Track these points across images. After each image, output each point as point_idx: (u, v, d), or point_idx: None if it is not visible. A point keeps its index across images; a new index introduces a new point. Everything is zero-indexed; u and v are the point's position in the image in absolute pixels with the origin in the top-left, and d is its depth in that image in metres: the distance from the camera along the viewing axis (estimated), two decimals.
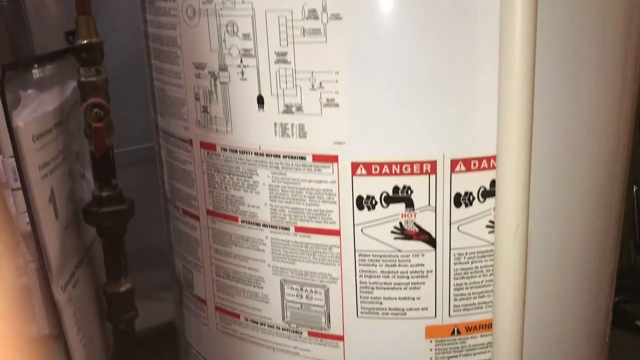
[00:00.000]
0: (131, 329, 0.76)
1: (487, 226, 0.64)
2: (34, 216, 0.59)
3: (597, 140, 0.68)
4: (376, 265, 0.66)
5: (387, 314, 0.67)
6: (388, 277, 0.66)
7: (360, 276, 0.66)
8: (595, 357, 0.83)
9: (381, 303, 0.67)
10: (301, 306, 0.70)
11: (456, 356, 0.68)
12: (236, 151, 0.67)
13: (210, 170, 0.71)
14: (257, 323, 0.73)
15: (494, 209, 0.63)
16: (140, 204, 1.64)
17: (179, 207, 0.79)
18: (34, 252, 0.71)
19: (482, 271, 0.66)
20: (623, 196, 0.77)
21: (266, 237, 0.69)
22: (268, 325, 0.72)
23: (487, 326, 0.68)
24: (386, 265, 0.65)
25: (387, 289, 0.66)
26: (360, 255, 0.66)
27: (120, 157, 0.93)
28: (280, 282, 0.70)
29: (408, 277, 0.66)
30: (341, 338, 0.69)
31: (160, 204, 0.87)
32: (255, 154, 0.66)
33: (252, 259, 0.71)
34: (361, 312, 0.68)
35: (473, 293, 0.67)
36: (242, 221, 0.70)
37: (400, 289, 0.66)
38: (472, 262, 0.65)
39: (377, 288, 0.66)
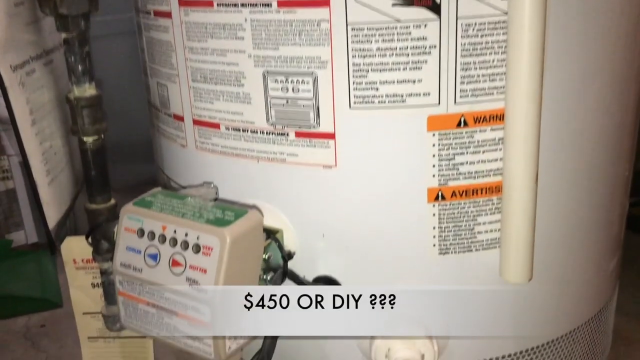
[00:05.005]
0: (101, 147, 0.68)
1: None
2: None
3: None
4: (371, 42, 0.57)
5: (384, 102, 0.59)
6: (385, 55, 0.57)
7: (353, 57, 0.58)
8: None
9: (377, 89, 0.59)
10: (287, 102, 0.61)
11: (462, 153, 0.61)
12: None
13: None
14: (239, 130, 0.65)
15: None
16: (122, 91, 1.55)
17: (149, 10, 0.70)
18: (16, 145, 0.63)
19: (494, 47, 0.57)
20: None
21: (245, 20, 0.60)
22: (251, 131, 0.64)
23: (499, 117, 0.60)
24: (383, 41, 0.57)
25: (384, 70, 0.58)
26: (353, 29, 0.57)
27: (99, 27, 0.85)
28: (263, 75, 0.61)
29: (408, 55, 0.57)
30: (332, 136, 0.61)
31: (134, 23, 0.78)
32: None
33: (230, 51, 0.62)
34: (354, 102, 0.59)
35: (482, 75, 0.58)
36: (219, 4, 0.61)
37: (399, 69, 0.58)
38: (482, 36, 0.57)
39: (372, 70, 0.58)
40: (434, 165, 0.61)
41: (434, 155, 0.60)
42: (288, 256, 0.63)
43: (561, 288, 0.70)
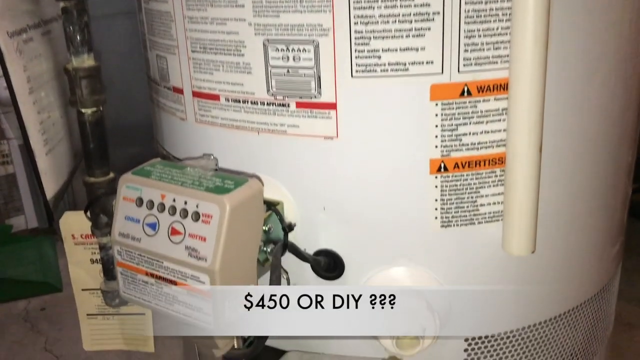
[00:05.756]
0: (99, 119, 0.67)
1: None
2: None
3: None
4: (374, 8, 0.56)
5: (387, 70, 0.58)
6: (388, 22, 0.56)
7: (356, 24, 0.57)
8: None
9: (380, 57, 0.58)
10: (288, 71, 0.61)
11: (466, 123, 0.60)
12: None
13: None
14: (239, 102, 0.64)
15: None
16: (122, 72, 1.54)
17: None
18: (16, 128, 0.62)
19: (498, 15, 0.56)
20: None
21: None
22: (251, 102, 0.64)
23: (503, 87, 0.59)
24: (385, 7, 0.56)
25: (387, 37, 0.57)
26: None
27: (99, 6, 0.83)
28: (264, 44, 0.60)
29: (411, 22, 0.56)
30: (333, 106, 0.60)
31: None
32: None
33: (230, 20, 0.61)
34: (356, 71, 0.59)
35: (487, 43, 0.57)
36: None
37: (402, 37, 0.57)
38: (486, 3, 0.56)
39: (374, 38, 0.57)
40: (436, 136, 0.60)
41: (436, 126, 0.60)
42: (289, 228, 0.63)
43: (564, 263, 0.69)
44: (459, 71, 0.58)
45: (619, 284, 0.86)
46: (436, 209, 0.62)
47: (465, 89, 0.58)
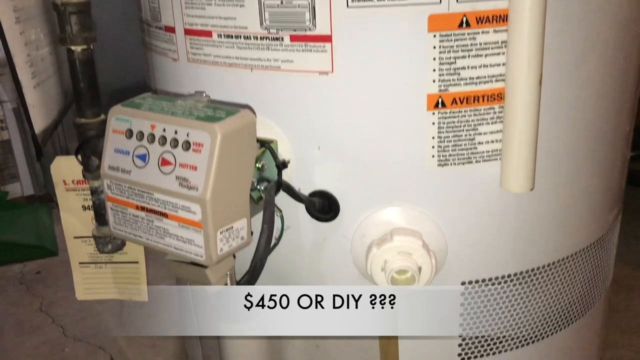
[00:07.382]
0: (90, 58, 0.65)
1: None
2: None
3: None
4: None
5: (383, 0, 0.56)
6: None
7: None
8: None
9: None
10: (281, 2, 0.59)
11: (464, 56, 0.58)
12: None
13: None
14: (231, 37, 0.63)
15: None
16: (117, 34, 1.52)
17: None
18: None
19: None
20: None
21: None
22: (244, 37, 0.62)
23: (502, 18, 0.57)
24: None
25: None
26: None
27: None
28: None
29: None
30: (329, 39, 0.59)
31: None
32: None
33: None
34: (352, 1, 0.57)
35: None
36: None
37: None
38: None
39: None
40: (434, 70, 0.58)
41: (434, 59, 0.58)
42: (283, 165, 0.61)
43: (562, 207, 0.68)
44: (457, 1, 0.56)
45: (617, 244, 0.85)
46: (433, 147, 0.61)
47: (464, 19, 0.57)
